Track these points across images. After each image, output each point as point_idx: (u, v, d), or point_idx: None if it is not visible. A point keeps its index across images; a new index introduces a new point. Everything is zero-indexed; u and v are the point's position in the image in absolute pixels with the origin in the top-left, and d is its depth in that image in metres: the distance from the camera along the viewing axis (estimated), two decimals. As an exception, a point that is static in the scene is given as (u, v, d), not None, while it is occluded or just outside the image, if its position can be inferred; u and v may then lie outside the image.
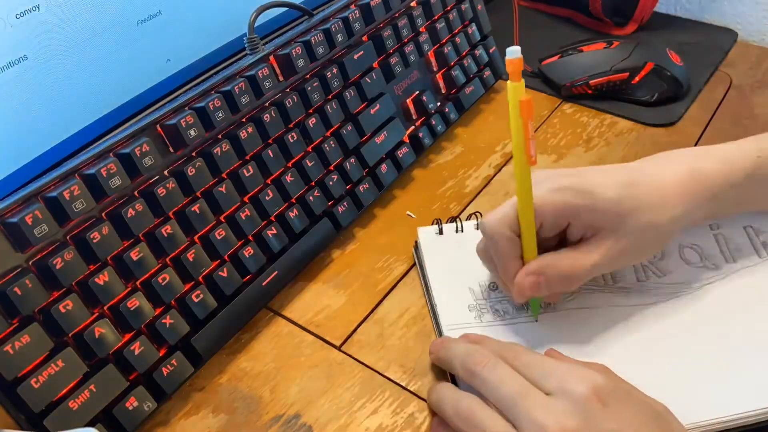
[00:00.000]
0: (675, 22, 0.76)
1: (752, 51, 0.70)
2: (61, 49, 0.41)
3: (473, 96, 0.62)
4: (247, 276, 0.44)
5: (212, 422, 0.39)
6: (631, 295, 0.43)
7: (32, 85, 0.40)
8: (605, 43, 0.64)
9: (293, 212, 0.47)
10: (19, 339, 0.33)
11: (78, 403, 0.35)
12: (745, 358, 0.39)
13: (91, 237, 0.36)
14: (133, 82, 0.47)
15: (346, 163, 0.50)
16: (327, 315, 0.45)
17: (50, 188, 0.36)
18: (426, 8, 0.58)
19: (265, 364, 0.42)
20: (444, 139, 0.60)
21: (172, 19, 0.48)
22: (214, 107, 0.42)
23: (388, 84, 0.55)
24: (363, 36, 0.54)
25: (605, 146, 0.57)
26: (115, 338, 0.37)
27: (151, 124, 0.40)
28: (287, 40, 0.48)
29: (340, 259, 0.49)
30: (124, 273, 0.38)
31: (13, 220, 0.34)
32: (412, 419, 0.39)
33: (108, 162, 0.37)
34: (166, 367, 0.39)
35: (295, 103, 0.47)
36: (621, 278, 0.45)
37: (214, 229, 0.42)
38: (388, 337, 0.44)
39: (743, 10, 0.74)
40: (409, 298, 0.46)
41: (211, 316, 0.42)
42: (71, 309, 0.35)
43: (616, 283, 0.44)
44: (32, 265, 0.35)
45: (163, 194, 0.40)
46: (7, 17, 0.38)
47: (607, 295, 0.44)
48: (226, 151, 0.43)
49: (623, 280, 0.44)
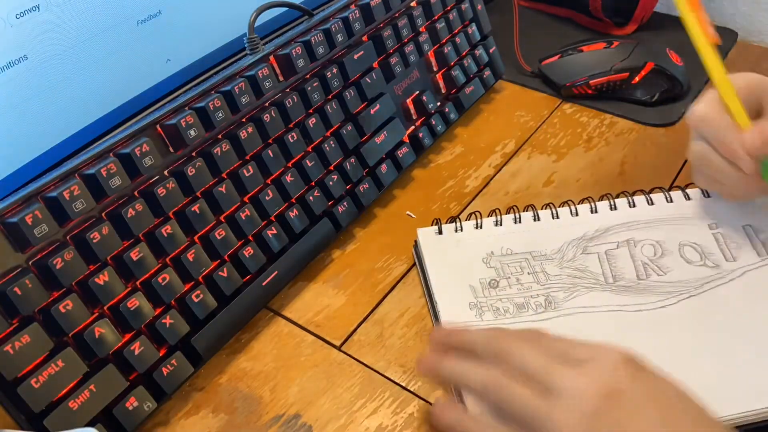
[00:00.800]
0: (675, 22, 0.75)
1: (752, 51, 0.70)
2: (61, 49, 0.41)
3: (473, 96, 0.62)
4: (247, 276, 0.44)
5: (212, 422, 0.39)
6: (631, 294, 0.43)
7: (32, 85, 0.40)
8: (605, 43, 0.64)
9: (293, 212, 0.47)
10: (19, 339, 0.33)
11: (78, 403, 0.35)
12: (746, 359, 0.39)
13: (91, 237, 0.36)
14: (133, 82, 0.47)
15: (346, 163, 0.50)
16: (327, 315, 0.45)
17: (50, 188, 0.36)
18: (426, 8, 0.58)
19: (265, 364, 0.43)
20: (444, 139, 0.60)
21: (172, 19, 0.48)
22: (214, 107, 0.42)
23: (388, 84, 0.55)
24: (363, 36, 0.54)
25: (605, 146, 0.57)
26: (115, 338, 0.37)
27: (151, 124, 0.40)
28: (287, 40, 0.48)
29: (340, 259, 0.49)
30: (124, 273, 0.38)
31: (13, 220, 0.34)
32: (412, 419, 0.39)
33: (108, 162, 0.37)
34: (166, 367, 0.39)
35: (295, 103, 0.47)
36: (621, 277, 0.45)
37: (214, 229, 0.42)
38: (388, 337, 0.44)
39: (743, 10, 0.74)
40: (409, 298, 0.46)
41: (211, 316, 0.42)
42: (71, 309, 0.35)
43: (616, 281, 0.44)
44: (32, 265, 0.35)
45: (163, 194, 0.40)
46: (7, 17, 0.38)
47: (606, 294, 0.44)
48: (226, 151, 0.43)
49: (623, 278, 0.44)
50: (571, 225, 0.48)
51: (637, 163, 0.55)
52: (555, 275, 0.45)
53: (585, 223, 0.48)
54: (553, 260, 0.46)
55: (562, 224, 0.49)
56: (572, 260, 0.46)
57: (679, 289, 0.44)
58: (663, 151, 0.57)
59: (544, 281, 0.45)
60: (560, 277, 0.45)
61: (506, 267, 0.46)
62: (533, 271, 0.45)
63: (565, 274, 0.45)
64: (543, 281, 0.45)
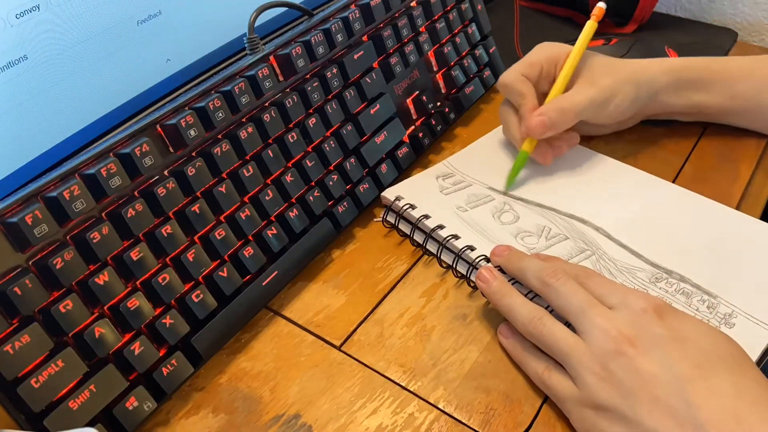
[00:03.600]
0: (675, 22, 0.76)
1: (752, 51, 0.70)
2: (61, 49, 0.41)
3: (473, 96, 0.62)
4: (247, 276, 0.44)
5: (212, 422, 0.39)
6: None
7: (32, 85, 0.40)
8: (604, 40, 0.64)
9: (293, 212, 0.47)
10: (19, 339, 0.33)
11: (78, 403, 0.35)
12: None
13: (91, 237, 0.36)
14: (133, 82, 0.47)
15: (346, 163, 0.50)
16: (327, 315, 0.45)
17: (50, 188, 0.36)
18: (426, 8, 0.58)
19: (265, 364, 0.43)
20: (444, 139, 0.60)
21: (172, 19, 0.48)
22: (214, 107, 0.42)
23: (388, 84, 0.55)
24: (363, 36, 0.54)
25: (605, 146, 0.57)
26: (115, 338, 0.37)
27: (151, 124, 0.40)
28: (287, 40, 0.48)
29: (340, 259, 0.49)
30: (124, 273, 0.38)
31: (13, 220, 0.34)
32: (412, 419, 0.39)
33: (108, 162, 0.37)
34: (166, 367, 0.39)
35: (295, 103, 0.47)
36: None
37: (214, 229, 0.42)
38: (388, 337, 0.44)
39: (743, 10, 0.74)
40: (409, 298, 0.46)
41: (211, 316, 0.42)
42: (71, 309, 0.35)
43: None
44: (32, 265, 0.35)
45: (163, 194, 0.40)
46: (7, 17, 0.38)
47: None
48: (226, 151, 0.43)
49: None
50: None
51: (636, 164, 0.55)
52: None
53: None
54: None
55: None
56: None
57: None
58: (663, 151, 0.57)
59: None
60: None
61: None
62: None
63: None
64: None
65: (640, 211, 0.50)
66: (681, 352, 0.34)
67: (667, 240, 0.47)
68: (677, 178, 0.54)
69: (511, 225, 0.49)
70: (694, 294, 0.44)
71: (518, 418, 0.39)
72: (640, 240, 0.47)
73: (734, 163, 0.56)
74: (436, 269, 0.48)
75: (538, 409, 0.39)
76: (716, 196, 0.51)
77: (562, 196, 0.52)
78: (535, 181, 0.53)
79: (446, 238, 0.47)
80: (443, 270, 0.48)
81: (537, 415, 0.39)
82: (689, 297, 0.43)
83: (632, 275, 0.45)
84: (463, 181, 0.53)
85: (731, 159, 0.56)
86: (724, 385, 0.33)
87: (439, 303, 0.46)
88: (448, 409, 0.39)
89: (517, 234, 0.48)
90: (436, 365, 0.42)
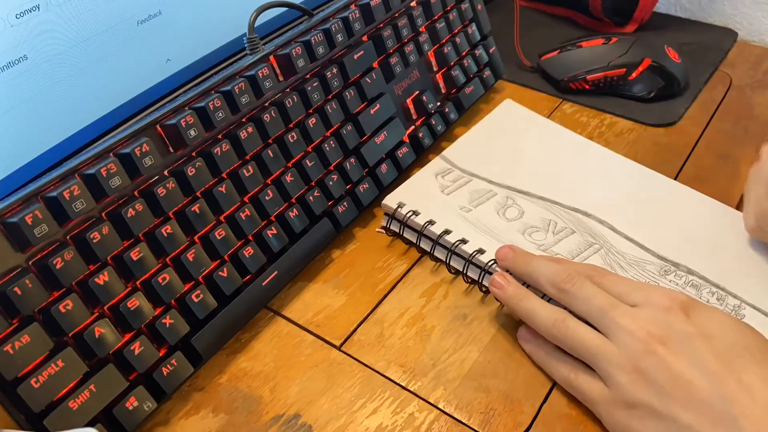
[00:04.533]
0: (675, 22, 0.76)
1: (752, 51, 0.70)
2: (61, 49, 0.41)
3: (473, 96, 0.62)
4: (247, 276, 0.44)
5: (212, 422, 0.39)
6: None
7: (32, 85, 0.40)
8: (604, 39, 0.64)
9: (293, 212, 0.47)
10: (19, 339, 0.33)
11: (78, 403, 0.35)
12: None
13: (91, 237, 0.36)
14: (133, 82, 0.47)
15: (346, 163, 0.50)
16: (327, 315, 0.45)
17: (50, 188, 0.36)
18: (426, 8, 0.58)
19: (265, 364, 0.43)
20: (444, 139, 0.60)
21: (172, 19, 0.48)
22: (214, 107, 0.42)
23: (388, 84, 0.55)
24: (363, 36, 0.54)
25: (605, 146, 0.57)
26: (115, 338, 0.37)
27: (151, 124, 0.40)
28: (287, 40, 0.48)
29: (340, 259, 0.49)
30: (124, 273, 0.38)
31: (13, 220, 0.34)
32: (412, 419, 0.39)
33: (108, 162, 0.37)
34: (166, 367, 0.39)
35: (295, 103, 0.47)
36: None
37: (214, 229, 0.42)
38: (388, 337, 0.44)
39: (743, 10, 0.74)
40: (409, 298, 0.46)
41: (211, 316, 0.42)
42: (71, 309, 0.35)
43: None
44: (32, 265, 0.35)
45: (163, 194, 0.40)
46: (7, 17, 0.38)
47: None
48: (226, 151, 0.43)
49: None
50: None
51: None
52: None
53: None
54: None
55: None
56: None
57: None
58: (663, 151, 0.57)
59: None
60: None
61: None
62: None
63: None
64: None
65: (641, 204, 0.50)
66: (710, 348, 0.35)
67: (670, 234, 0.48)
68: (677, 178, 0.54)
69: (517, 221, 0.49)
70: (703, 286, 0.44)
71: (518, 418, 0.39)
72: (644, 233, 0.48)
73: (734, 163, 0.56)
74: (436, 269, 0.48)
75: (538, 409, 0.39)
76: (716, 196, 0.51)
77: (564, 189, 0.52)
78: (535, 173, 0.53)
79: (454, 243, 0.47)
80: (443, 270, 0.48)
81: (537, 415, 0.39)
82: (699, 289, 0.44)
83: (642, 268, 0.45)
84: (463, 177, 0.53)
85: (731, 159, 0.56)
86: (754, 379, 0.33)
87: (439, 303, 0.46)
88: (448, 409, 0.39)
89: (524, 230, 0.48)
90: (436, 365, 0.42)
